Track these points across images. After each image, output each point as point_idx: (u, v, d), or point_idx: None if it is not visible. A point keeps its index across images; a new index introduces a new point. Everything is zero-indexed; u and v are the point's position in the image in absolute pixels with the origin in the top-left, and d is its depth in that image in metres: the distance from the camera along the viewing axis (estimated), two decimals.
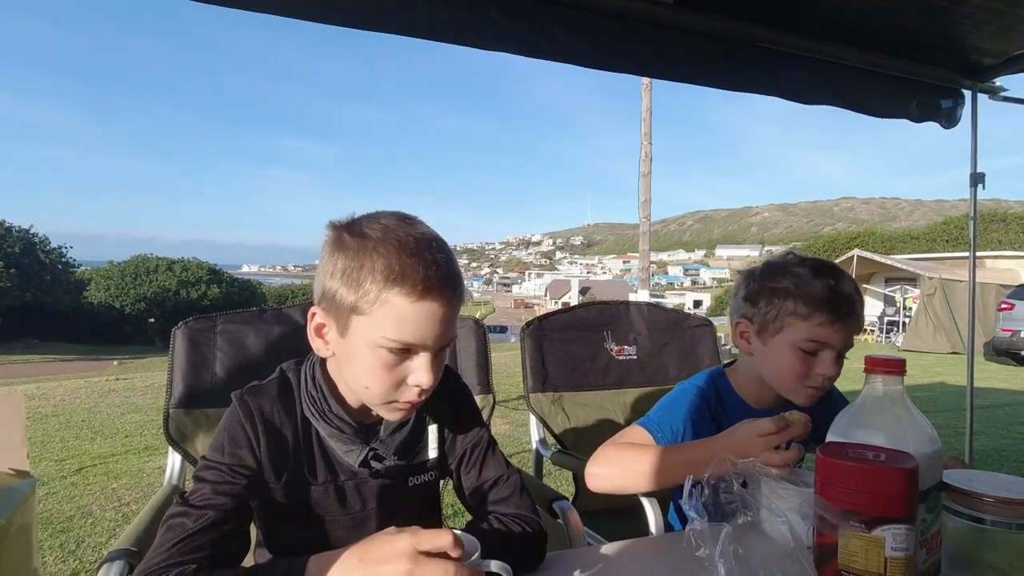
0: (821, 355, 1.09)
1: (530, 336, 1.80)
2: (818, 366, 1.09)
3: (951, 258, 20.01)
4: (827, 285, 1.08)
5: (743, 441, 0.97)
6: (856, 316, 1.09)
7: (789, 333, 1.10)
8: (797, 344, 1.09)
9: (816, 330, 1.07)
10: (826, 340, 1.08)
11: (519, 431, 4.87)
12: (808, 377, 1.10)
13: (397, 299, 0.74)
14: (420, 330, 0.76)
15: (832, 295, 1.07)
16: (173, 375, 1.34)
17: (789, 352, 1.10)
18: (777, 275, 1.14)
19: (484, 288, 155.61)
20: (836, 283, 1.08)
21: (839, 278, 1.10)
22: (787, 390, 1.14)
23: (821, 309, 1.07)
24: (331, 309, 0.79)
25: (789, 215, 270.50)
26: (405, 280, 0.73)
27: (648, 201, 11.60)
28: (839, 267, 1.14)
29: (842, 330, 1.08)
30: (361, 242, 0.76)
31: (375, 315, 0.75)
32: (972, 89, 2.57)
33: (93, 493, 3.42)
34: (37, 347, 22.23)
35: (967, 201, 2.84)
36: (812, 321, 1.07)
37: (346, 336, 0.79)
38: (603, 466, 1.14)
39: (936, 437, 0.76)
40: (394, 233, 0.76)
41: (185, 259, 28.90)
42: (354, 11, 1.57)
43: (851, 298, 1.08)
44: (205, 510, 0.74)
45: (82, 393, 7.14)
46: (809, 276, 1.10)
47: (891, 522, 0.65)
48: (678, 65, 2.03)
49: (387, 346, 0.76)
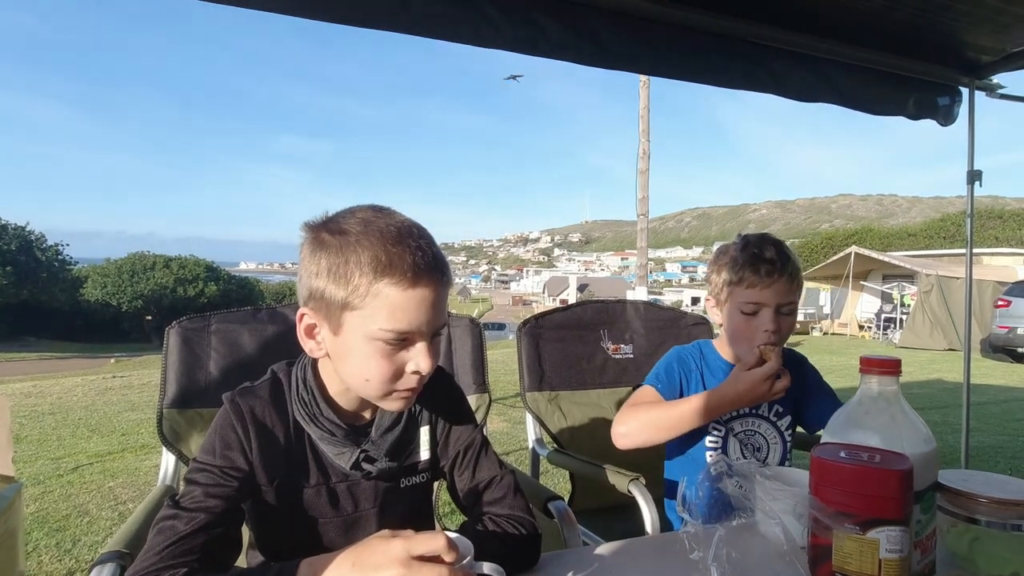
0: (761, 314, 1.24)
1: (526, 335, 1.80)
2: (761, 323, 1.23)
3: (948, 255, 20.05)
4: (751, 254, 1.24)
5: (750, 387, 1.16)
6: (782, 273, 1.23)
7: (731, 300, 1.28)
8: (739, 307, 1.26)
9: (747, 292, 1.24)
10: (759, 300, 1.23)
11: (517, 428, 4.87)
12: (755, 335, 1.24)
13: (388, 289, 0.73)
14: (414, 317, 0.76)
15: (753, 260, 1.23)
16: (167, 375, 1.34)
17: (736, 316, 1.27)
18: (720, 254, 1.33)
19: (482, 285, 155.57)
20: (759, 251, 1.24)
21: (762, 246, 1.26)
22: (742, 350, 1.29)
23: (746, 274, 1.23)
24: (321, 308, 0.78)
25: (787, 212, 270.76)
26: (394, 269, 0.73)
27: (646, 198, 11.60)
28: (768, 237, 1.30)
29: (769, 288, 1.22)
30: (342, 238, 0.75)
31: (368, 308, 0.74)
32: (969, 86, 2.57)
33: (90, 492, 3.42)
34: (34, 345, 22.17)
35: (964, 198, 2.84)
36: (742, 285, 1.25)
37: (340, 333, 0.78)
38: (627, 424, 1.26)
39: (931, 437, 0.76)
40: (374, 225, 0.75)
41: (182, 256, 28.83)
42: (351, 9, 1.56)
43: (772, 260, 1.23)
44: (196, 513, 0.73)
45: (79, 391, 7.12)
46: (737, 249, 1.28)
47: (886, 524, 0.65)
48: (675, 62, 2.02)
49: (383, 337, 0.75)
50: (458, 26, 1.69)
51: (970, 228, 2.87)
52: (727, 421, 1.33)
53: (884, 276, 18.66)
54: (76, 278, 25.96)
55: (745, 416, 1.34)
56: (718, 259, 1.33)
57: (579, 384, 1.84)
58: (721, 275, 1.29)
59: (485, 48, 1.76)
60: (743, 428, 1.34)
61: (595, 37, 1.85)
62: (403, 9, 1.61)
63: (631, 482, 1.35)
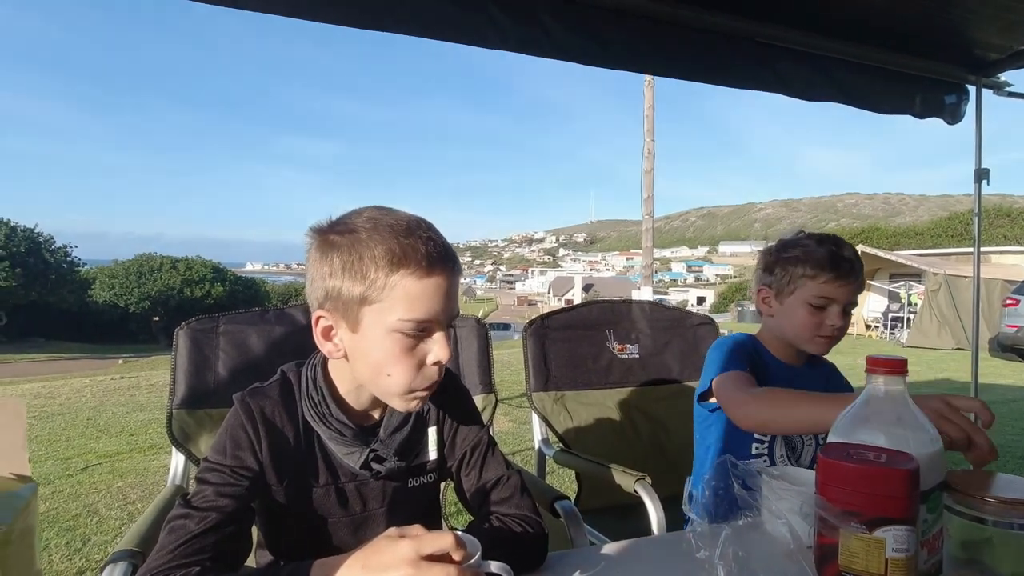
0: (829, 309, 1.28)
1: (532, 335, 1.80)
2: (828, 318, 1.28)
3: (956, 254, 19.92)
4: (829, 251, 1.28)
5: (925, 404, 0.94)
6: (856, 275, 1.28)
7: (801, 292, 1.30)
8: (808, 301, 1.29)
9: (822, 287, 1.27)
10: (832, 296, 1.27)
11: (522, 428, 4.87)
12: (820, 328, 1.29)
13: (405, 280, 0.75)
14: (431, 305, 0.77)
15: (833, 257, 1.27)
16: (176, 376, 1.35)
17: (802, 308, 1.30)
18: (789, 247, 1.35)
19: (487, 285, 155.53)
20: (837, 249, 1.29)
21: (840, 245, 1.30)
22: (803, 341, 1.33)
23: (825, 269, 1.27)
24: (338, 308, 0.79)
25: (793, 211, 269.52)
26: (409, 260, 0.75)
27: (651, 198, 11.58)
28: (840, 237, 1.33)
29: (845, 287, 1.27)
30: (353, 236, 0.76)
31: (386, 300, 0.75)
32: (976, 84, 2.56)
33: (99, 491, 3.44)
34: (42, 346, 22.33)
35: (972, 196, 2.82)
36: (819, 280, 1.27)
37: (359, 330, 0.79)
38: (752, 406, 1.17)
39: (938, 437, 0.76)
40: (382, 221, 0.77)
41: (189, 257, 28.96)
42: (356, 10, 1.57)
43: (850, 260, 1.28)
44: (207, 512, 0.74)
45: (87, 392, 7.17)
46: (814, 245, 1.31)
47: (892, 523, 0.65)
48: (679, 62, 2.03)
49: (403, 329, 0.76)
50: (463, 28, 1.70)
51: (977, 227, 2.85)
52: None
53: (891, 275, 18.55)
54: (84, 279, 26.13)
55: None
56: (784, 251, 1.34)
57: (585, 384, 1.84)
58: (793, 267, 1.31)
59: (490, 49, 1.76)
60: None
61: (599, 37, 1.86)
62: (408, 12, 1.62)
63: (637, 482, 1.35)
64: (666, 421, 1.90)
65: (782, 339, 1.38)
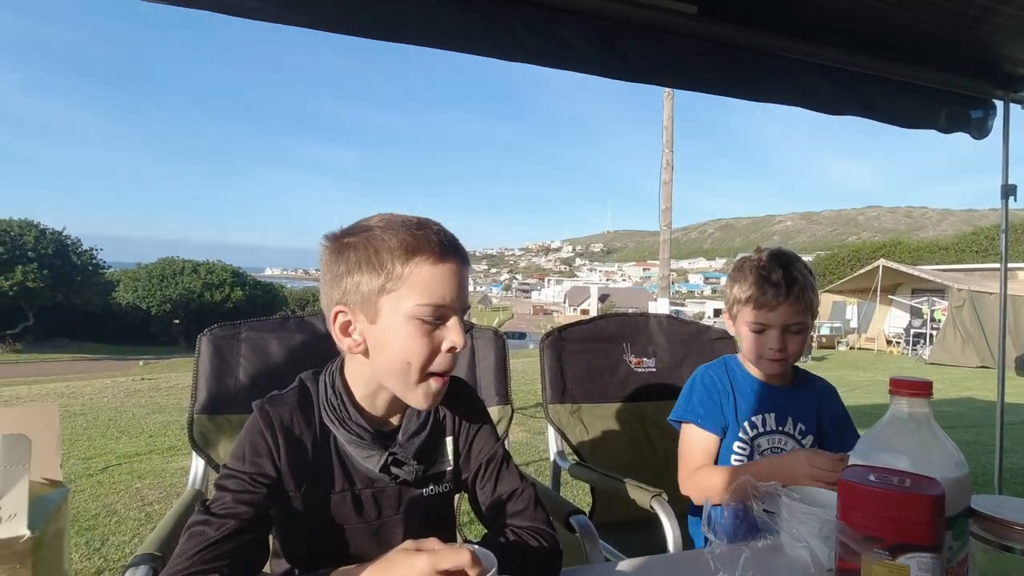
0: (767, 333, 1.26)
1: (549, 347, 1.80)
2: (767, 341, 1.26)
3: (980, 269, 19.52)
4: (759, 276, 1.25)
5: (793, 466, 1.10)
6: (787, 299, 1.23)
7: (741, 317, 1.30)
8: (747, 325, 1.29)
9: (753, 312, 1.26)
10: (763, 321, 1.26)
11: (537, 439, 4.85)
12: (763, 351, 1.28)
13: (420, 267, 0.80)
14: (446, 290, 0.81)
15: (759, 281, 1.25)
16: (198, 381, 1.37)
17: (745, 332, 1.30)
18: (734, 270, 1.34)
19: (503, 294, 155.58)
20: (767, 272, 1.25)
21: (771, 268, 1.25)
22: (753, 363, 1.33)
23: (753, 294, 1.25)
24: (356, 301, 0.82)
25: (812, 224, 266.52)
26: (422, 248, 0.80)
27: (669, 209, 11.52)
28: (781, 257, 1.29)
29: (775, 312, 1.24)
30: (366, 234, 0.81)
31: (403, 287, 0.80)
32: (1004, 100, 2.51)
33: (118, 492, 3.49)
34: (66, 346, 22.76)
35: (998, 211, 2.77)
36: (749, 306, 1.27)
37: (377, 320, 0.82)
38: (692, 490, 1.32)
39: (963, 461, 0.74)
40: (393, 219, 0.83)
41: (210, 262, 29.36)
42: (377, 23, 1.59)
43: (777, 283, 1.23)
44: (226, 519, 0.75)
45: (109, 392, 7.29)
46: (749, 268, 1.29)
47: (916, 550, 0.63)
48: (700, 76, 2.02)
49: (420, 314, 0.80)
50: (483, 40, 1.71)
51: (1005, 244, 2.80)
52: (753, 438, 1.32)
53: (913, 290, 18.23)
54: (108, 282, 26.62)
55: (771, 432, 1.33)
56: (733, 275, 1.35)
57: (601, 397, 1.83)
58: (732, 291, 1.32)
59: (510, 62, 1.78)
60: (769, 445, 1.33)
61: (619, 50, 1.86)
62: (429, 24, 1.63)
63: (653, 498, 1.34)
64: None
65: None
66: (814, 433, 1.35)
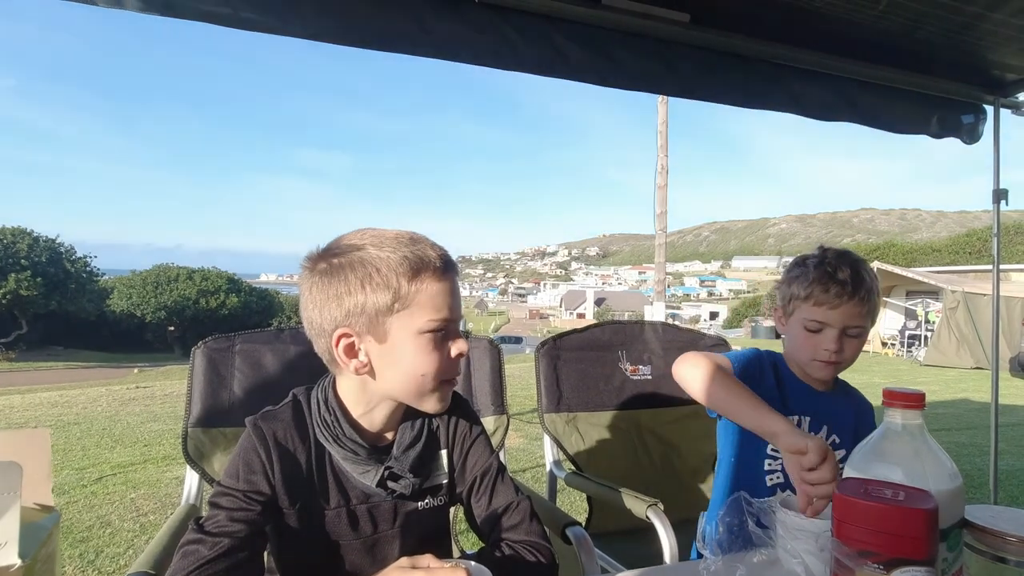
0: (824, 332, 1.21)
1: (544, 356, 1.80)
2: (822, 342, 1.21)
3: (974, 271, 19.62)
4: (824, 272, 1.20)
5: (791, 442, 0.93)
6: (852, 299, 1.18)
7: (798, 314, 1.25)
8: (803, 323, 1.23)
9: (813, 310, 1.21)
10: (823, 319, 1.20)
11: (534, 445, 4.84)
12: (816, 352, 1.22)
13: (427, 284, 0.80)
14: (450, 303, 0.84)
15: (824, 278, 1.20)
16: (192, 394, 1.36)
17: (799, 331, 1.25)
18: (794, 265, 1.30)
19: (499, 299, 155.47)
20: (834, 270, 1.20)
21: (839, 265, 1.20)
22: (803, 364, 1.27)
23: (814, 292, 1.20)
24: (362, 323, 0.81)
25: (807, 226, 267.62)
26: (425, 265, 0.80)
27: (664, 213, 11.56)
28: (848, 256, 1.24)
29: (835, 310, 1.19)
30: (359, 252, 0.80)
31: (413, 305, 0.80)
32: (995, 104, 2.53)
33: (112, 503, 3.47)
34: (60, 354, 22.64)
35: (991, 213, 2.79)
36: (809, 302, 1.22)
37: (387, 340, 0.82)
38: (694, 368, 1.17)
39: (957, 473, 0.75)
40: (379, 236, 0.82)
41: (205, 268, 29.28)
42: (373, 34, 1.60)
43: (843, 281, 1.18)
44: (220, 538, 0.75)
45: (103, 401, 7.24)
46: (813, 264, 1.24)
47: (911, 564, 0.63)
48: (694, 84, 2.03)
49: (432, 328, 0.81)
50: (477, 49, 1.71)
51: (996, 248, 2.81)
52: None
53: (908, 292, 18.30)
54: (103, 289, 26.50)
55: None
56: (791, 270, 1.29)
57: (597, 405, 1.83)
58: (791, 287, 1.26)
59: (506, 71, 1.78)
60: None
61: (614, 59, 1.87)
62: (423, 33, 1.64)
63: (649, 508, 1.34)
64: (678, 443, 1.88)
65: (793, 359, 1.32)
66: (848, 447, 1.26)
